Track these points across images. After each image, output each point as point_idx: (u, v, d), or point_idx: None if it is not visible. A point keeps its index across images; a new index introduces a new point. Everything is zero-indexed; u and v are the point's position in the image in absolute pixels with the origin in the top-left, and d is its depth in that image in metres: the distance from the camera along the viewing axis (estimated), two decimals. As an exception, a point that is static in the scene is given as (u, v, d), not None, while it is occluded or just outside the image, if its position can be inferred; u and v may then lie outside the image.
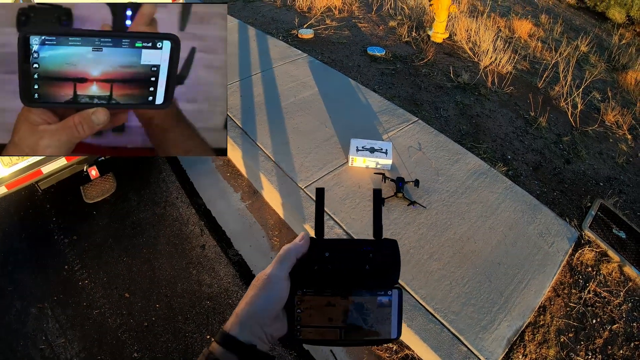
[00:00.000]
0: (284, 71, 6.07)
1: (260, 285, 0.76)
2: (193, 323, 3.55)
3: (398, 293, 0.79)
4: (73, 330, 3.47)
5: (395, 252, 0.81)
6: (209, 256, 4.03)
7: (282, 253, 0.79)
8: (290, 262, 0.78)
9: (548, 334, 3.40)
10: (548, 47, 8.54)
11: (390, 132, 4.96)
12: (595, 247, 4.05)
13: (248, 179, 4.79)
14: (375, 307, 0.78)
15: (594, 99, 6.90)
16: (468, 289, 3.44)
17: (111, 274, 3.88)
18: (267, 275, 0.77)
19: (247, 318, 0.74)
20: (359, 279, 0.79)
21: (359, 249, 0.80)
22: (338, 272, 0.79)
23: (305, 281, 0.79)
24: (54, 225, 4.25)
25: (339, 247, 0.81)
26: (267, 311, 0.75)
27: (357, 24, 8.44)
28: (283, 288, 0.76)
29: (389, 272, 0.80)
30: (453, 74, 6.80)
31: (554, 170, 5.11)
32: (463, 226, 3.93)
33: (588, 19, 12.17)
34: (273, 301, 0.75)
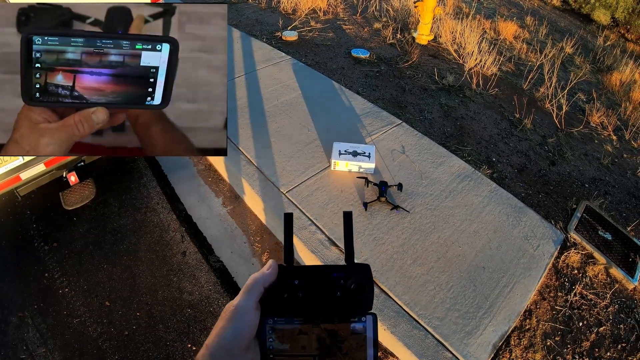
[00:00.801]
0: (267, 74, 6.01)
1: (228, 317, 0.73)
2: (174, 332, 3.49)
3: (372, 318, 0.76)
4: (54, 340, 3.40)
5: (368, 276, 0.77)
6: (189, 263, 3.96)
7: (250, 282, 0.76)
8: (258, 292, 0.75)
9: (534, 338, 3.37)
10: (533, 49, 8.57)
11: (373, 135, 4.92)
12: (581, 250, 4.03)
13: (230, 184, 4.72)
14: (349, 333, 0.75)
15: (579, 100, 6.92)
16: (453, 294, 3.40)
17: (91, 281, 3.80)
18: (235, 306, 0.74)
19: (217, 349, 0.71)
20: (330, 306, 0.76)
21: (329, 275, 0.77)
22: (308, 300, 0.76)
23: (275, 310, 0.76)
24: (34, 232, 4.17)
25: (308, 274, 0.78)
26: (236, 342, 0.72)
27: (342, 26, 8.41)
28: (251, 318, 0.73)
29: (362, 298, 0.76)
30: (438, 76, 6.78)
31: (539, 172, 5.09)
32: (447, 230, 3.89)
33: (573, 20, 12.25)
34: (242, 332, 0.72)
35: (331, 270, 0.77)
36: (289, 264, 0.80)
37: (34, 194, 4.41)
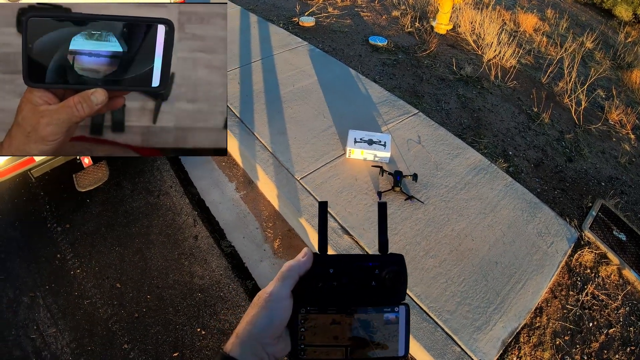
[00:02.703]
0: (283, 59, 5.98)
1: (261, 304, 0.74)
2: (184, 315, 3.50)
3: (405, 309, 0.77)
4: (64, 320, 3.42)
5: (401, 267, 0.78)
6: (201, 247, 3.97)
7: (284, 270, 0.76)
8: (293, 280, 0.76)
9: (543, 336, 3.35)
10: (553, 42, 8.45)
11: (389, 124, 4.88)
12: (595, 249, 3.99)
13: (243, 169, 4.71)
14: (381, 324, 0.76)
15: (598, 96, 6.82)
16: (464, 288, 3.38)
17: (103, 263, 3.82)
18: (269, 293, 0.74)
19: (249, 338, 0.72)
20: (364, 296, 0.77)
21: (364, 264, 0.78)
22: (343, 289, 0.76)
23: (309, 299, 0.76)
24: (47, 213, 4.18)
25: (343, 263, 0.78)
26: (269, 331, 0.72)
27: (360, 12, 8.34)
28: (285, 307, 0.74)
29: (396, 288, 0.77)
30: (456, 67, 6.71)
31: (556, 168, 5.03)
32: (461, 223, 3.86)
33: (594, 15, 12.06)
34: (275, 320, 0.73)
35: (366, 259, 0.78)
36: (323, 253, 0.79)
37: (48, 176, 4.45)
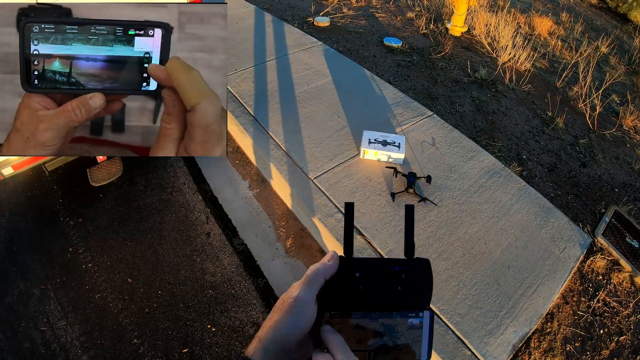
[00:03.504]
0: (298, 59, 5.99)
1: (286, 309, 0.71)
2: (194, 312, 3.52)
3: (430, 314, 0.75)
4: (74, 313, 3.45)
5: (427, 272, 0.76)
6: (213, 244, 3.98)
7: (310, 274, 0.74)
8: (319, 284, 0.74)
9: (554, 342, 3.33)
10: (568, 46, 8.41)
11: (403, 126, 4.88)
12: (607, 255, 3.97)
13: (257, 167, 4.73)
14: (406, 329, 0.74)
15: (612, 102, 6.78)
16: (476, 291, 3.37)
17: (115, 258, 3.85)
18: (294, 298, 0.72)
19: (272, 343, 0.70)
20: (390, 300, 0.75)
21: (390, 268, 0.76)
22: (369, 293, 0.75)
23: (335, 303, 0.75)
24: (60, 207, 4.22)
25: (369, 267, 0.76)
26: (293, 336, 0.70)
27: (375, 13, 8.34)
28: (311, 312, 0.72)
29: (422, 293, 0.76)
30: (470, 69, 6.69)
31: (569, 173, 5.01)
32: (474, 226, 3.86)
33: (609, 19, 11.97)
34: (300, 326, 0.71)
35: (393, 263, 0.76)
36: (349, 255, 0.78)
37: (62, 170, 4.48)
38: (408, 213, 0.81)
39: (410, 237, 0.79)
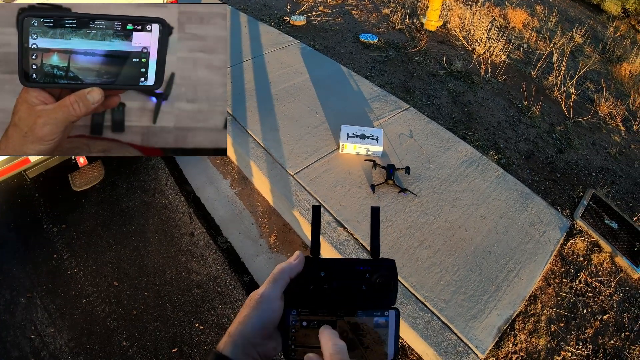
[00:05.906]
0: (275, 58, 6.00)
1: (252, 305, 0.75)
2: (182, 311, 3.52)
3: (395, 313, 0.77)
4: (62, 320, 3.43)
5: (392, 272, 0.79)
6: (198, 243, 3.99)
7: (276, 272, 0.78)
8: (284, 282, 0.77)
9: (538, 323, 3.39)
10: (542, 37, 8.52)
11: (381, 119, 4.91)
12: (587, 237, 4.03)
13: (238, 166, 4.73)
14: (371, 327, 0.76)
15: (587, 89, 6.89)
16: (458, 277, 3.42)
17: (100, 262, 3.83)
18: (260, 294, 0.76)
19: (240, 337, 0.73)
20: (355, 299, 0.78)
21: (355, 268, 0.79)
22: (334, 292, 0.77)
23: (300, 301, 0.77)
24: (43, 214, 4.19)
25: (335, 267, 0.79)
26: (259, 331, 0.74)
27: (350, 11, 8.38)
28: (276, 308, 0.75)
29: (387, 293, 0.78)
30: (446, 62, 6.75)
31: (547, 159, 5.09)
32: (454, 214, 3.90)
33: (583, 10, 12.15)
34: (265, 321, 0.74)
35: (357, 263, 0.79)
36: (315, 256, 0.81)
37: (43, 177, 4.45)
38: (373, 215, 0.83)
39: (375, 238, 0.82)
